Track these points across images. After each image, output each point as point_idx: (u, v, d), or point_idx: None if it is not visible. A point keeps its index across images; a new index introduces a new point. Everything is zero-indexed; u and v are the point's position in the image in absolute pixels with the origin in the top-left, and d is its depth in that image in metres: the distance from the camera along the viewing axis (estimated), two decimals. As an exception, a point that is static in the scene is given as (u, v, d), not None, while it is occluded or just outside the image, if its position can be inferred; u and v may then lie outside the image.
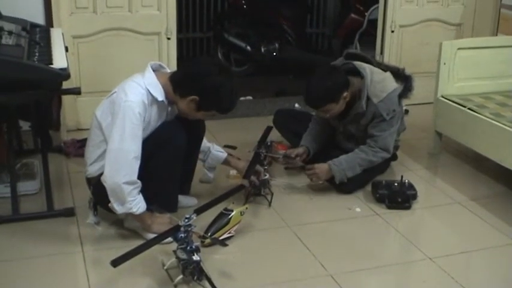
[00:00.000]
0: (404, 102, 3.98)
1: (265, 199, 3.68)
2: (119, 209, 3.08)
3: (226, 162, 3.78)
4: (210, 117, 3.33)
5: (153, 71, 3.21)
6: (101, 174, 3.09)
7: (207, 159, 3.69)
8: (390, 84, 3.81)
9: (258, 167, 3.72)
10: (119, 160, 3.02)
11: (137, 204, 3.08)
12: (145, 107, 3.08)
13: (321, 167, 3.81)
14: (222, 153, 3.74)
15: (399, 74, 3.91)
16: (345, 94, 3.72)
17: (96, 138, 3.21)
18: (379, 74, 3.83)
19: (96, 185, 3.20)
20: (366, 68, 3.81)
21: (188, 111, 3.23)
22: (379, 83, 3.78)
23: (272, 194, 3.71)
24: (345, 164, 3.78)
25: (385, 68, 3.92)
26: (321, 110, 3.79)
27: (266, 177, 3.72)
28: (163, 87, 3.16)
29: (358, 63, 3.84)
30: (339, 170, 3.77)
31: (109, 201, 3.10)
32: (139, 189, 3.08)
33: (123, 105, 3.03)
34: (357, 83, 3.78)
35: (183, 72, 3.27)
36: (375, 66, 3.89)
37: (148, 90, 3.11)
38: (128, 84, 3.13)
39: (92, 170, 3.24)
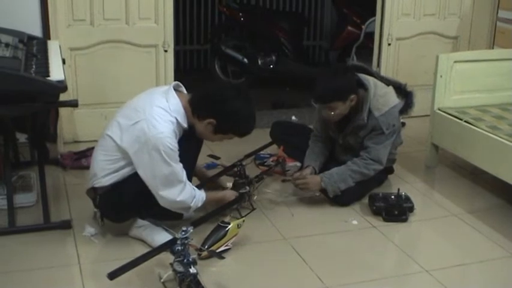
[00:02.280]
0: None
1: (238, 213, 3.58)
2: (186, 212, 3.33)
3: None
4: (228, 139, 3.37)
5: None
6: (113, 184, 3.20)
7: None
8: (392, 98, 3.83)
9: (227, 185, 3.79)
10: (172, 182, 3.13)
11: (198, 200, 3.27)
12: (176, 136, 3.13)
13: (313, 179, 3.81)
14: None
15: (401, 90, 3.93)
16: (352, 96, 3.72)
17: (112, 154, 3.21)
18: (382, 87, 3.84)
19: (104, 195, 3.26)
20: (370, 80, 3.82)
21: (205, 134, 3.27)
22: (382, 97, 3.79)
23: (253, 209, 3.64)
24: (336, 177, 3.78)
25: (387, 82, 3.93)
26: (327, 107, 3.73)
27: (245, 191, 3.64)
28: (184, 111, 3.20)
29: (362, 76, 3.84)
30: (330, 182, 3.76)
31: (116, 211, 3.29)
32: (192, 187, 3.26)
33: (158, 137, 3.05)
34: (361, 94, 3.79)
35: (202, 94, 3.26)
36: (377, 79, 3.90)
37: (176, 118, 3.14)
38: (157, 112, 3.11)
39: (104, 180, 3.25)
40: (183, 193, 3.17)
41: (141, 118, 3.10)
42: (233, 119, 3.22)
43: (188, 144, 3.24)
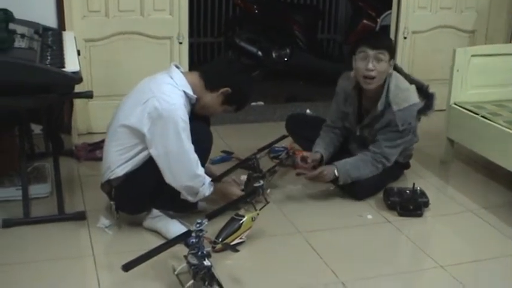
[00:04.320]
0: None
1: (253, 207, 3.45)
2: (192, 199, 3.32)
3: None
4: (227, 112, 3.49)
5: None
6: (127, 173, 3.25)
7: None
8: (413, 96, 3.81)
9: (241, 178, 3.80)
10: (184, 161, 3.19)
11: (206, 188, 3.31)
12: (186, 108, 3.22)
13: (328, 169, 3.80)
14: None
15: (422, 90, 3.91)
16: (392, 61, 3.77)
17: (127, 142, 3.24)
18: (404, 82, 3.83)
19: (119, 187, 3.30)
20: (393, 72, 3.81)
21: (213, 105, 3.37)
22: (403, 92, 3.77)
23: (267, 203, 3.54)
24: (349, 165, 3.79)
25: (410, 81, 3.91)
26: (375, 55, 3.68)
27: (260, 184, 3.57)
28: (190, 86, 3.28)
29: None
30: (343, 170, 3.77)
31: (132, 202, 3.33)
32: (204, 172, 3.30)
33: (170, 109, 3.12)
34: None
35: (217, 66, 3.60)
36: (401, 75, 3.88)
37: (184, 91, 3.23)
38: (165, 88, 3.20)
39: (118, 170, 3.27)
40: (193, 175, 3.21)
41: (150, 96, 3.16)
42: (245, 89, 3.44)
43: (202, 131, 3.31)
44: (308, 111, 5.19)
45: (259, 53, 6.79)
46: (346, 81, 3.94)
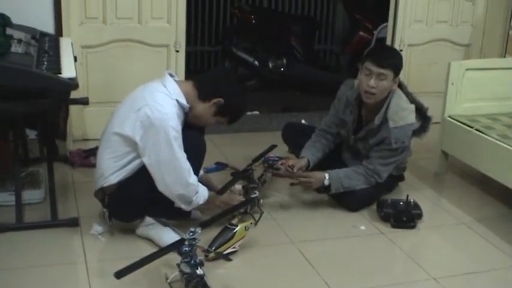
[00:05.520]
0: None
1: (252, 218, 3.57)
2: (186, 208, 3.30)
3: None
4: (220, 124, 3.47)
5: None
6: (120, 181, 3.24)
7: None
8: (411, 116, 3.82)
9: (235, 187, 3.77)
10: (176, 169, 3.17)
11: (201, 196, 3.29)
12: (178, 117, 3.20)
13: (316, 175, 3.80)
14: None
15: (421, 112, 3.93)
16: (397, 78, 3.76)
17: (119, 150, 3.24)
18: (405, 102, 3.83)
19: (112, 194, 3.29)
20: (397, 90, 3.81)
21: (204, 115, 3.34)
22: (403, 111, 3.78)
23: (262, 213, 3.64)
24: (342, 174, 3.80)
25: (411, 99, 3.91)
26: (379, 73, 3.67)
27: (255, 195, 3.65)
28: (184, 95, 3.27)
29: None
30: (335, 178, 3.77)
31: (125, 210, 3.32)
32: (197, 181, 3.27)
33: (162, 118, 3.10)
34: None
35: (210, 76, 3.54)
36: (404, 93, 3.88)
37: (177, 100, 3.21)
38: (158, 97, 3.18)
39: (112, 178, 3.27)
40: (186, 183, 3.19)
41: (143, 104, 3.15)
42: (238, 100, 3.40)
43: (196, 139, 3.31)
44: (303, 121, 5.20)
45: (256, 62, 6.80)
46: (349, 89, 3.94)
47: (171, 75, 3.33)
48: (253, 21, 6.85)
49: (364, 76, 3.74)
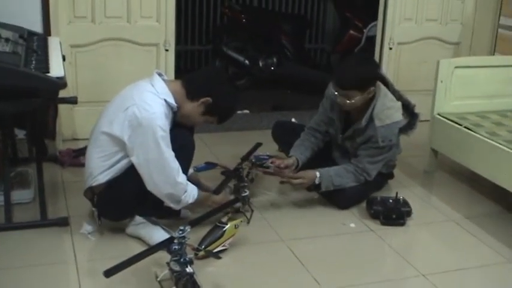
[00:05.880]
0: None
1: (245, 216, 3.60)
2: (176, 207, 3.30)
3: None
4: (209, 123, 3.45)
5: None
6: (109, 180, 3.23)
7: None
8: (397, 114, 3.81)
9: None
10: (164, 169, 3.15)
11: (190, 195, 3.27)
12: (166, 117, 3.19)
13: (308, 174, 3.81)
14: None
15: (408, 109, 3.93)
16: (371, 89, 3.70)
17: (108, 149, 3.24)
18: (391, 100, 3.83)
19: (102, 193, 3.29)
20: (382, 89, 3.80)
21: (193, 114, 3.32)
22: (389, 109, 3.78)
23: (252, 212, 3.66)
24: (332, 172, 3.80)
25: (398, 97, 3.91)
26: (344, 94, 3.69)
27: (246, 194, 3.66)
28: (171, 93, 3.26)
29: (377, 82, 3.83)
30: (325, 176, 3.77)
31: (115, 209, 3.31)
32: (186, 180, 3.25)
33: (150, 117, 3.10)
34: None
35: (198, 75, 3.49)
36: (390, 91, 3.88)
37: (165, 100, 3.20)
38: (146, 96, 3.17)
39: (100, 177, 3.26)
40: (174, 182, 3.18)
41: (131, 104, 3.15)
42: (227, 99, 3.37)
43: (184, 139, 3.30)
44: (293, 119, 5.20)
45: (246, 61, 6.80)
46: None
47: (159, 75, 3.32)
48: (244, 20, 6.85)
49: (332, 93, 3.80)
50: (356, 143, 3.86)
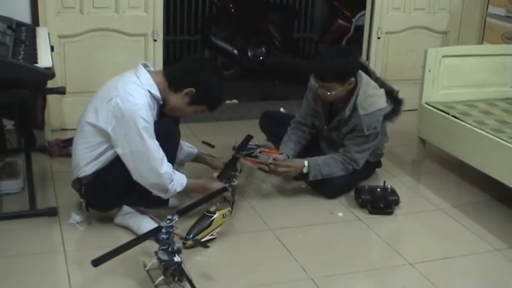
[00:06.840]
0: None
1: (229, 205, 3.54)
2: (164, 196, 3.29)
3: (200, 159, 3.82)
4: (199, 113, 3.43)
5: None
6: (96, 171, 3.23)
7: (178, 155, 3.66)
8: (380, 101, 3.81)
9: (214, 175, 3.75)
10: (148, 159, 3.14)
11: (177, 184, 3.26)
12: (150, 108, 3.18)
13: (296, 163, 3.82)
14: (193, 149, 3.79)
15: (392, 95, 3.92)
16: (351, 80, 3.70)
17: (93, 140, 3.23)
18: (373, 88, 3.83)
19: (89, 184, 3.29)
20: (363, 77, 3.80)
21: (180, 106, 3.30)
22: (371, 97, 3.77)
23: (233, 202, 3.60)
24: (320, 161, 3.81)
25: (381, 84, 3.91)
26: (324, 86, 3.70)
27: (234, 183, 3.64)
28: (155, 84, 3.24)
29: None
30: (313, 165, 3.78)
31: (102, 200, 3.32)
32: (172, 169, 3.24)
33: (133, 109, 3.09)
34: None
35: (180, 66, 3.38)
36: (372, 79, 3.89)
37: (149, 91, 3.19)
38: (129, 87, 3.16)
39: (87, 169, 3.26)
40: (159, 173, 3.17)
41: (115, 94, 3.15)
42: (212, 88, 3.32)
43: (168, 127, 3.29)
44: (282, 109, 5.21)
45: (235, 51, 6.79)
46: None
47: (145, 66, 3.31)
48: (232, 10, 6.84)
49: (313, 85, 3.81)
50: (342, 133, 3.86)
